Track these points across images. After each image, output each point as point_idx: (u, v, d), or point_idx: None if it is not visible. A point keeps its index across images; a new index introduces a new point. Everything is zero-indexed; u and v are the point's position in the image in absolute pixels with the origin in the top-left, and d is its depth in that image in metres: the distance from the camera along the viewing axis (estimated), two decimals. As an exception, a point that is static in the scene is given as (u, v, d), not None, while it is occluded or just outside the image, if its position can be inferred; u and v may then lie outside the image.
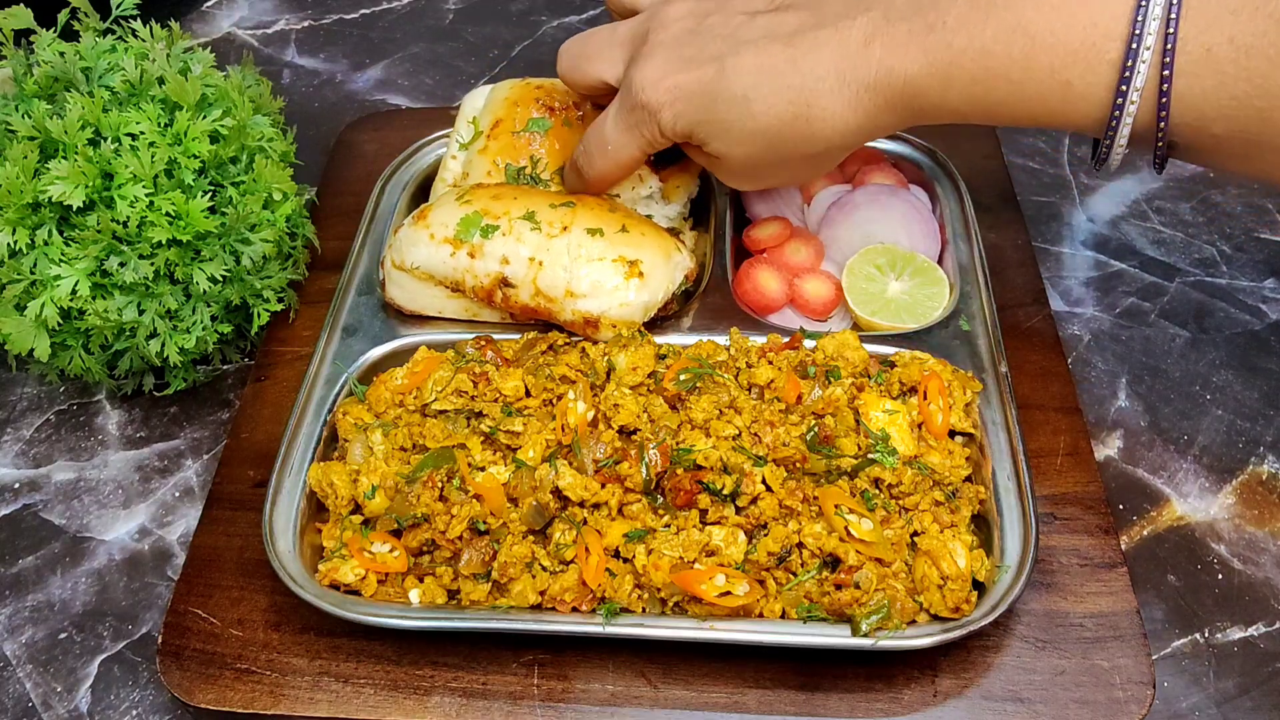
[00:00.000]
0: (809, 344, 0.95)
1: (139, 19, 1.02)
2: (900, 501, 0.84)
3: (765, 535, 0.82)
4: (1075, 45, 0.77)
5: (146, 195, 0.91)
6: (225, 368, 1.11)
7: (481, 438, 0.88)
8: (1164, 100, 0.76)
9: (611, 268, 0.95)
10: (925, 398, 0.90)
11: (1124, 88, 0.76)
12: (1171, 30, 0.73)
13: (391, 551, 0.84)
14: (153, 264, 0.92)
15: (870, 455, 0.85)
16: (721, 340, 0.96)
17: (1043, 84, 0.79)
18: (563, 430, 0.87)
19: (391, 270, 1.02)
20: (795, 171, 0.96)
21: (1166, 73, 0.75)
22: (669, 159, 1.11)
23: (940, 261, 1.07)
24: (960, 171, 1.13)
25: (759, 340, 0.96)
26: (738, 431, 0.85)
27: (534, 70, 1.48)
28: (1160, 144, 0.79)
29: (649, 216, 1.06)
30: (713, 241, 1.08)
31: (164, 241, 0.91)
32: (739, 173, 0.95)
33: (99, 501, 1.01)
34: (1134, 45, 0.75)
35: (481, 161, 1.07)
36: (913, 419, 0.88)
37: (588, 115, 1.07)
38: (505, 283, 0.97)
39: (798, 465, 0.85)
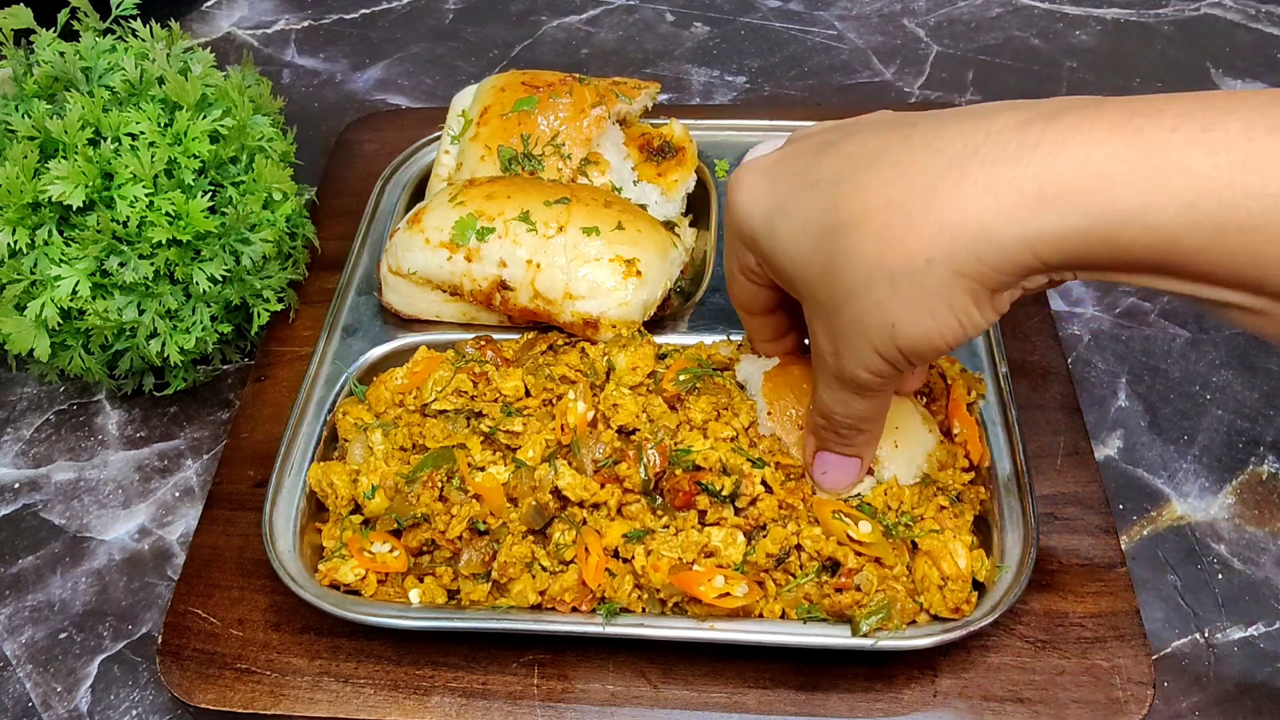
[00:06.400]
0: (809, 344, 0.95)
1: (139, 19, 1.02)
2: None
3: (764, 537, 0.81)
4: None
5: (146, 195, 0.91)
6: (225, 368, 1.11)
7: (481, 438, 0.87)
8: None
9: (609, 268, 0.95)
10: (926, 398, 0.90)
11: None
12: None
13: (391, 551, 0.84)
14: (153, 264, 0.92)
15: (870, 455, 0.85)
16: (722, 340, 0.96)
17: None
18: (562, 430, 0.87)
19: (388, 276, 1.02)
20: None
21: None
22: (664, 153, 1.11)
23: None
24: (960, 171, 1.13)
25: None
26: (736, 433, 0.85)
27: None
28: None
29: (644, 207, 1.06)
30: (713, 242, 1.08)
31: (164, 241, 0.91)
32: None
33: (99, 501, 1.01)
34: None
35: (474, 149, 1.07)
36: (913, 419, 0.88)
37: (574, 89, 1.07)
38: (504, 285, 0.96)
39: (797, 467, 0.85)
